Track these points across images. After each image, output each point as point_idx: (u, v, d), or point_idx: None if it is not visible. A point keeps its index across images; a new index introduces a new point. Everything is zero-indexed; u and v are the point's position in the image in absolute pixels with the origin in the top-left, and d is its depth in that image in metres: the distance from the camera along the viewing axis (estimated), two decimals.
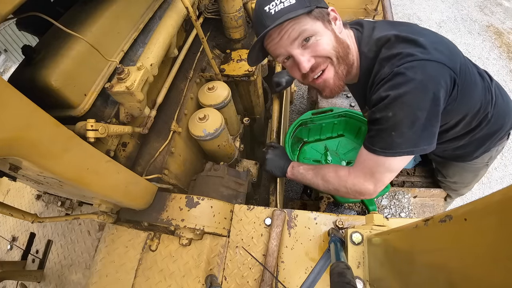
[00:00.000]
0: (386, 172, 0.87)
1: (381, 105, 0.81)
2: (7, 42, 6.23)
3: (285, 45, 0.85)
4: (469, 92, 0.88)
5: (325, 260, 0.90)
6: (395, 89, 0.77)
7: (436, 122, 0.79)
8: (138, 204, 0.96)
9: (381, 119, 0.81)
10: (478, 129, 1.03)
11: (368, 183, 0.91)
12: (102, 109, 0.99)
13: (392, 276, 0.63)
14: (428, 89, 0.74)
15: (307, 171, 1.10)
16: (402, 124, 0.77)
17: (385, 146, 0.82)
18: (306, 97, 3.39)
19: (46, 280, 1.17)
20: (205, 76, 1.53)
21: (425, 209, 1.43)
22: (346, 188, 0.96)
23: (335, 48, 0.85)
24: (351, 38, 0.92)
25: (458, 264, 0.36)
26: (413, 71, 0.75)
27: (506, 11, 4.48)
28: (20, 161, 0.58)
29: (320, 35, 0.83)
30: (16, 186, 1.44)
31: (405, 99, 0.75)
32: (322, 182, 1.04)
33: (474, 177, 1.34)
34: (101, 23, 0.96)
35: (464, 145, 1.11)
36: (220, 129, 1.25)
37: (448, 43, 0.85)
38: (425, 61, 0.75)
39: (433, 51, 0.77)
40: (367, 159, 0.89)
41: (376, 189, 0.92)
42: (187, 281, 0.93)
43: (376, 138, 0.85)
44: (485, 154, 1.18)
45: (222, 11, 1.53)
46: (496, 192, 0.30)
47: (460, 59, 0.83)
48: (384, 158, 0.84)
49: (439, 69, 0.76)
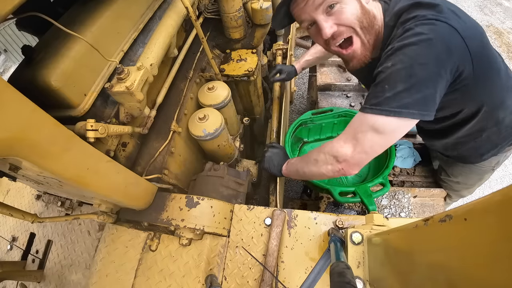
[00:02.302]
0: (369, 131, 0.78)
1: (383, 57, 0.78)
2: (7, 42, 6.24)
3: (309, 10, 0.85)
4: (489, 79, 0.83)
5: (325, 260, 0.90)
6: (401, 40, 0.75)
7: (433, 87, 0.72)
8: (138, 204, 0.96)
9: (380, 72, 0.77)
10: (495, 128, 0.99)
11: (347, 145, 0.83)
12: (102, 109, 0.99)
13: (392, 276, 0.63)
14: (433, 45, 0.70)
15: (297, 159, 1.09)
16: (397, 76, 0.72)
17: (375, 102, 0.76)
18: (306, 97, 3.39)
19: (46, 280, 1.17)
20: (205, 76, 1.53)
21: (425, 209, 1.43)
22: (324, 154, 0.90)
23: (359, 18, 0.84)
24: (378, 9, 0.90)
25: (458, 264, 0.36)
26: (422, 27, 0.72)
27: (506, 11, 4.48)
28: (20, 161, 0.58)
29: (345, 3, 0.82)
30: (16, 186, 1.44)
31: (406, 50, 0.72)
32: (306, 160, 0.99)
33: (478, 179, 1.33)
34: (101, 23, 0.96)
35: (476, 146, 1.09)
36: (220, 129, 1.25)
37: (470, 19, 0.79)
38: (437, 21, 0.72)
39: (449, 15, 0.73)
40: (354, 120, 0.84)
41: (353, 155, 0.82)
42: (187, 281, 0.93)
43: (370, 95, 0.80)
44: (493, 158, 1.16)
45: (222, 11, 1.53)
46: (496, 192, 0.30)
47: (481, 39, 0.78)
48: (369, 115, 0.77)
49: (450, 33, 0.71)
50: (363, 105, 0.81)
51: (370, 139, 0.79)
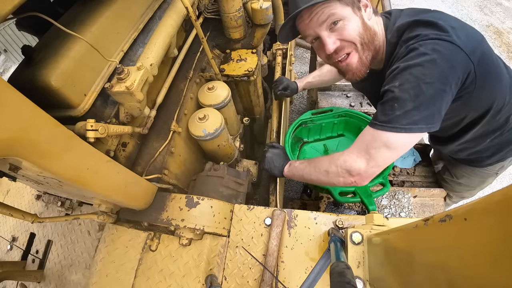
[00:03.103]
0: (382, 147, 0.83)
1: (390, 77, 0.82)
2: (7, 42, 6.23)
3: (314, 26, 0.89)
4: (491, 85, 0.86)
5: (325, 260, 0.90)
6: (406, 61, 0.79)
7: (439, 103, 0.77)
8: (138, 204, 0.96)
9: (388, 90, 0.82)
10: (498, 132, 1.02)
11: (360, 160, 0.87)
12: (102, 109, 0.99)
13: (392, 276, 0.63)
14: (437, 65, 0.74)
15: (302, 163, 1.10)
16: (406, 95, 0.76)
17: (386, 119, 0.81)
18: (306, 97, 3.39)
19: (46, 280, 1.17)
20: (205, 76, 1.53)
21: (425, 209, 1.43)
22: (336, 167, 0.93)
23: (360, 34, 0.89)
24: (380, 25, 0.94)
25: (458, 264, 0.36)
26: (426, 47, 0.76)
27: (506, 11, 4.49)
28: (20, 161, 0.58)
29: (348, 20, 0.87)
30: (16, 186, 1.44)
31: (413, 70, 0.76)
32: (315, 168, 1.01)
33: (481, 182, 1.34)
34: (100, 23, 0.96)
35: (482, 149, 1.11)
36: (220, 129, 1.25)
37: (469, 30, 0.83)
38: (440, 40, 0.76)
39: (451, 33, 0.76)
40: (365, 134, 0.87)
41: (367, 169, 0.86)
42: (187, 281, 0.93)
43: (379, 112, 0.84)
44: (498, 163, 1.18)
45: (222, 11, 1.53)
46: (496, 192, 0.30)
47: (482, 48, 0.81)
48: (381, 132, 0.81)
49: (453, 50, 0.75)
50: (373, 121, 0.85)
51: (383, 154, 0.84)
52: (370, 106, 1.87)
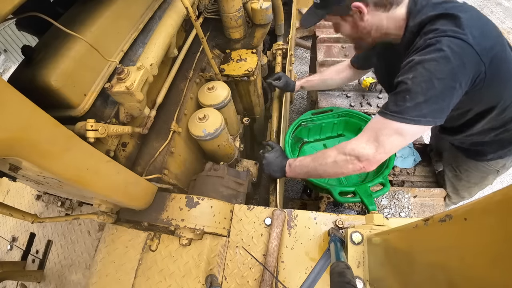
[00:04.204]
0: (393, 135, 0.87)
1: (405, 68, 0.86)
2: (7, 42, 6.23)
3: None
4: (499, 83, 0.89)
5: (325, 260, 0.90)
6: (422, 55, 0.83)
7: (449, 99, 0.81)
8: (138, 204, 0.96)
9: (401, 82, 0.86)
10: (503, 128, 1.05)
11: (369, 146, 0.91)
12: (102, 109, 0.99)
13: (392, 276, 0.63)
14: (450, 62, 0.78)
15: (304, 160, 1.11)
16: (418, 88, 0.81)
17: (397, 110, 0.85)
18: (306, 97, 3.39)
19: (46, 280, 1.17)
20: (205, 76, 1.53)
21: (425, 209, 1.43)
22: (344, 155, 0.96)
23: (349, 34, 1.08)
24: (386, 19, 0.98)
25: (458, 264, 0.36)
26: (442, 44, 0.80)
27: (506, 11, 4.49)
28: (20, 161, 0.58)
29: (340, 25, 1.07)
30: (16, 186, 1.44)
31: (427, 65, 0.80)
32: (320, 162, 1.04)
33: (481, 178, 1.35)
34: (100, 23, 0.96)
35: (487, 142, 1.14)
36: (220, 129, 1.25)
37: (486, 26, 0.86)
38: (455, 39, 0.79)
39: (467, 31, 0.80)
40: (375, 122, 0.92)
41: (375, 155, 0.91)
42: (187, 281, 0.93)
43: (390, 102, 0.88)
44: (499, 159, 1.21)
45: (222, 11, 1.53)
46: (496, 192, 0.30)
47: (496, 47, 0.84)
48: (392, 121, 0.86)
49: (465, 48, 0.79)
50: (384, 110, 0.89)
51: (392, 141, 0.89)
52: (370, 106, 1.87)
